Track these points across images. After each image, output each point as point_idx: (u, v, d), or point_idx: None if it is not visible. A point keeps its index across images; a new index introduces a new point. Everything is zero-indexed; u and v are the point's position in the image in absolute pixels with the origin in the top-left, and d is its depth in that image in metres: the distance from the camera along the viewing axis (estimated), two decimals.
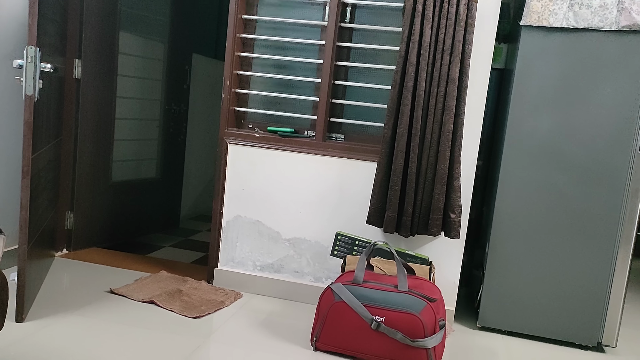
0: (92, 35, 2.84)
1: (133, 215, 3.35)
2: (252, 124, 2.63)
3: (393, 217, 2.27)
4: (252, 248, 2.59)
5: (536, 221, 2.29)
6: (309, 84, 2.55)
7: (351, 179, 2.46)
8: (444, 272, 2.41)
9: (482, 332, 2.41)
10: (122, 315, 2.18)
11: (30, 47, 1.92)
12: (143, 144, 3.39)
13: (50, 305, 2.20)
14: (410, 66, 2.19)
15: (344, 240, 2.36)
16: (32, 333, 1.94)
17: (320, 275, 2.53)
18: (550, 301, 2.31)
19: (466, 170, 2.35)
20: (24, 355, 1.79)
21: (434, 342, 1.92)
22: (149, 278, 2.61)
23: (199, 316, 2.24)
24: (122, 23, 3.06)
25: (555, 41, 2.19)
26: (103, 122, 3.00)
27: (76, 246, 2.95)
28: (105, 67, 2.95)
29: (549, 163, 2.26)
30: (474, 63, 2.29)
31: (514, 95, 2.26)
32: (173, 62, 3.51)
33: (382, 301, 1.95)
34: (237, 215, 2.58)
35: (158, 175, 3.55)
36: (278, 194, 2.53)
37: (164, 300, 2.34)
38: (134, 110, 3.26)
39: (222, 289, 2.57)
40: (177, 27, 3.49)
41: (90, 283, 2.50)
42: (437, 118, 2.22)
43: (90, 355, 1.84)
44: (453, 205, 2.25)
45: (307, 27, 2.53)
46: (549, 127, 2.24)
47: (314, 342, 2.04)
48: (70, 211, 2.91)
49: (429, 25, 2.16)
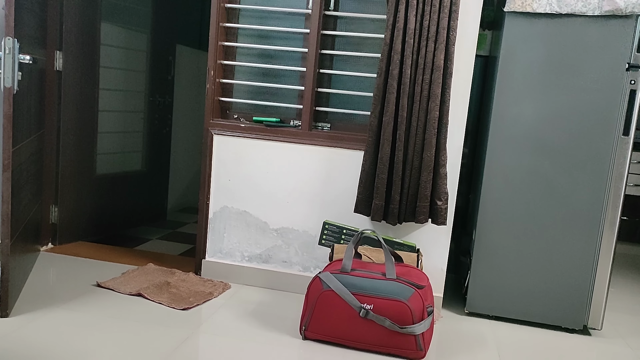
0: (73, 26, 2.79)
1: (119, 209, 3.32)
2: (237, 114, 2.61)
3: (380, 205, 2.27)
4: (240, 239, 2.58)
5: (522, 207, 2.31)
6: (294, 73, 2.54)
7: (338, 168, 2.45)
8: (432, 259, 2.42)
9: (470, 317, 2.43)
10: (109, 308, 2.17)
11: (7, 38, 1.88)
12: (128, 136, 3.35)
13: (35, 300, 2.18)
14: (395, 54, 2.18)
15: (332, 229, 2.36)
16: (16, 328, 1.92)
17: (308, 264, 2.53)
18: (537, 286, 2.34)
19: (452, 157, 2.35)
20: (8, 350, 1.77)
21: (422, 329, 1.94)
22: (136, 271, 2.59)
23: (187, 308, 2.23)
24: (104, 13, 3.01)
25: (538, 27, 2.19)
26: (86, 114, 2.96)
27: (61, 240, 2.92)
28: (87, 59, 2.90)
29: (534, 149, 2.27)
30: (459, 50, 2.29)
31: (499, 82, 2.26)
32: (156, 53, 3.47)
33: (371, 289, 1.96)
34: (224, 206, 2.57)
35: (144, 167, 3.52)
36: (265, 184, 2.52)
37: (152, 292, 2.33)
38: (117, 102, 3.22)
39: (210, 280, 2.56)
40: (160, 18, 3.44)
41: (76, 277, 2.48)
42: (423, 105, 2.21)
43: (77, 349, 1.82)
44: (440, 192, 2.26)
45: (291, 15, 2.51)
46: (533, 113, 2.25)
47: (303, 331, 2.04)
48: (54, 205, 2.87)
49: (413, 12, 2.15)
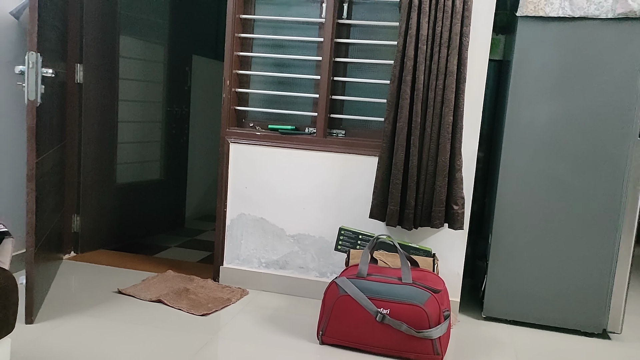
0: (93, 40, 2.86)
1: (139, 217, 3.38)
2: (253, 122, 2.65)
3: (395, 210, 2.29)
4: (257, 245, 2.61)
5: (538, 210, 2.30)
6: (309, 81, 2.57)
7: (353, 174, 2.48)
8: (448, 264, 2.43)
9: (487, 322, 2.43)
10: (130, 314, 2.21)
11: (31, 52, 1.95)
12: (146, 146, 3.41)
13: (59, 307, 2.23)
14: (408, 60, 2.21)
15: (348, 235, 2.38)
16: (41, 334, 1.98)
17: (325, 270, 2.56)
18: (555, 290, 2.33)
19: (467, 162, 2.36)
20: (34, 356, 1.82)
21: (439, 333, 1.94)
22: (156, 278, 2.64)
23: (206, 314, 2.27)
24: (122, 27, 3.08)
25: (551, 31, 2.20)
26: (106, 125, 3.03)
27: (83, 248, 2.99)
28: (106, 71, 2.98)
29: (549, 152, 2.27)
30: (472, 55, 2.30)
31: (512, 86, 2.27)
32: (173, 64, 3.54)
33: (387, 293, 1.97)
34: (241, 214, 2.61)
35: (162, 176, 3.58)
36: (281, 191, 2.56)
37: (172, 299, 2.37)
38: (136, 112, 3.29)
39: (228, 287, 2.59)
40: (177, 29, 3.51)
41: (98, 284, 2.54)
42: (437, 111, 2.23)
43: (99, 355, 1.86)
44: (455, 197, 2.27)
45: (304, 24, 2.55)
46: (547, 116, 2.25)
47: (320, 336, 2.06)
48: (76, 214, 2.94)
49: (425, 19, 2.18)
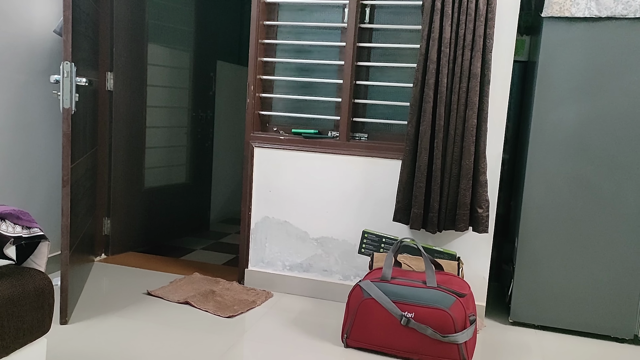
0: (123, 48, 2.95)
1: (165, 220, 3.45)
2: (276, 127, 2.68)
3: (419, 213, 2.29)
4: (281, 248, 2.64)
5: (565, 213, 2.28)
6: (331, 86, 2.59)
7: (376, 178, 2.49)
8: (473, 268, 2.41)
9: (514, 327, 2.41)
10: (159, 315, 2.27)
11: (66, 62, 2.02)
12: (173, 150, 3.49)
13: (91, 308, 2.30)
14: (431, 63, 2.21)
15: (371, 238, 2.39)
16: (75, 334, 2.04)
17: (348, 273, 2.57)
18: (584, 294, 2.29)
19: (492, 164, 2.35)
20: (69, 355, 1.88)
21: (465, 337, 1.93)
22: (183, 280, 2.69)
23: (232, 316, 2.31)
24: (150, 35, 3.16)
25: (578, 31, 2.17)
26: (135, 131, 3.11)
27: (113, 251, 3.07)
28: (135, 79, 3.06)
29: (576, 154, 2.24)
30: (496, 57, 2.29)
31: (538, 87, 2.25)
32: (199, 70, 3.61)
33: (411, 297, 1.98)
34: (265, 217, 2.64)
35: (188, 180, 3.65)
36: (304, 194, 2.58)
37: (199, 300, 2.42)
38: (163, 118, 3.37)
39: (253, 289, 2.63)
40: (202, 36, 3.58)
41: (128, 286, 2.60)
42: (460, 114, 2.23)
43: (131, 354, 1.92)
44: (480, 200, 2.26)
45: (327, 29, 2.57)
46: (575, 118, 2.22)
47: (344, 339, 2.08)
48: (107, 217, 3.02)
49: (448, 22, 2.18)
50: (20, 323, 1.46)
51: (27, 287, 1.50)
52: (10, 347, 1.44)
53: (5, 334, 1.41)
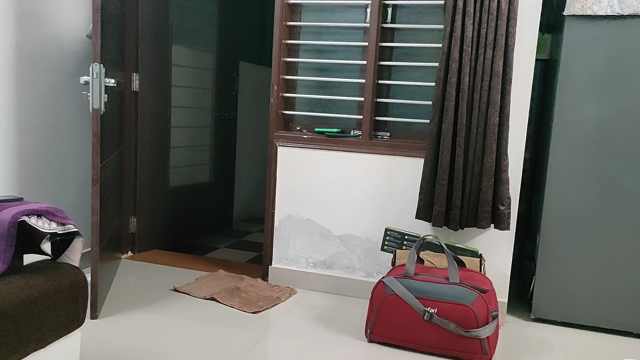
0: (148, 50, 3.02)
1: (190, 218, 3.52)
2: (299, 126, 2.72)
3: (441, 211, 2.31)
4: (304, 246, 2.68)
5: (587, 210, 2.27)
6: (354, 85, 2.62)
7: (398, 176, 2.51)
8: (495, 264, 2.42)
9: (536, 323, 2.41)
10: (186, 311, 2.32)
11: (95, 64, 2.08)
12: (196, 150, 3.55)
13: (120, 304, 2.37)
14: (453, 62, 2.23)
15: (394, 236, 2.41)
16: (106, 329, 2.11)
17: (371, 270, 2.60)
18: (605, 290, 2.29)
19: (514, 162, 2.35)
20: (101, 349, 1.95)
21: (487, 333, 1.95)
22: (208, 277, 2.75)
23: (257, 311, 2.35)
24: (174, 36, 3.23)
25: (600, 29, 2.17)
26: (160, 131, 3.18)
27: (140, 248, 3.14)
28: (160, 79, 3.13)
29: (599, 152, 2.23)
30: (518, 55, 2.30)
31: (560, 86, 2.25)
32: (222, 71, 3.67)
33: (434, 293, 2.00)
34: (288, 215, 2.69)
35: (211, 179, 3.71)
36: (328, 192, 2.62)
37: (224, 297, 2.47)
38: (187, 118, 3.43)
39: (277, 286, 2.68)
40: (224, 37, 3.64)
41: (154, 282, 2.67)
42: (482, 112, 2.24)
43: (159, 348, 1.98)
44: (502, 197, 2.27)
45: (349, 29, 2.60)
46: (597, 116, 2.22)
47: (368, 334, 2.11)
48: (133, 216, 3.10)
49: (470, 21, 2.19)
50: (56, 316, 1.52)
51: (62, 281, 1.56)
52: (48, 339, 1.50)
53: (42, 326, 1.47)
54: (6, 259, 1.50)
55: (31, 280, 1.47)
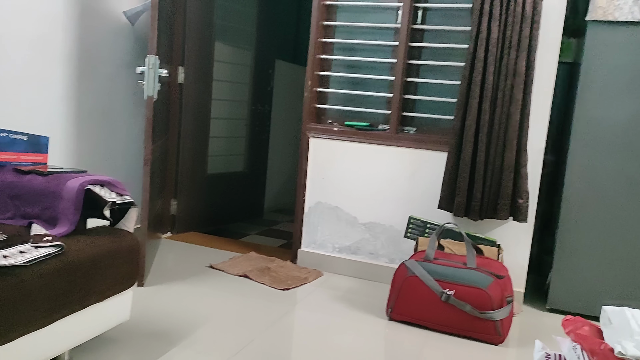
0: (193, 45, 3.24)
1: (224, 205, 3.74)
2: (331, 119, 2.90)
3: (462, 202, 2.45)
4: (332, 231, 2.86)
5: (606, 208, 2.37)
6: (383, 82, 2.79)
7: (422, 168, 2.66)
8: (513, 255, 2.55)
9: (550, 313, 2.52)
10: (221, 285, 2.53)
11: (151, 56, 2.31)
12: (233, 140, 3.77)
13: (162, 276, 2.59)
14: (478, 62, 2.37)
15: (416, 224, 2.56)
16: (150, 295, 2.33)
17: (394, 256, 2.75)
18: (622, 285, 2.38)
19: (533, 158, 2.48)
20: (146, 312, 2.16)
21: (501, 315, 2.09)
22: (241, 257, 2.95)
23: (286, 289, 2.54)
24: (217, 34, 3.45)
25: (621, 34, 2.28)
26: (201, 121, 3.41)
27: (179, 229, 3.37)
28: (203, 73, 3.35)
29: (618, 152, 2.34)
30: (541, 57, 2.42)
31: (580, 88, 2.37)
32: (259, 67, 3.88)
33: (452, 276, 2.14)
34: (318, 202, 2.87)
35: (245, 169, 3.92)
36: (355, 182, 2.79)
37: (255, 275, 2.67)
38: (225, 110, 3.65)
39: (305, 268, 2.86)
40: (262, 36, 3.85)
41: (192, 260, 2.88)
42: (505, 110, 2.37)
43: (197, 314, 2.18)
44: (520, 191, 2.40)
45: (381, 29, 2.77)
46: (616, 117, 2.32)
47: (388, 312, 2.27)
48: (174, 199, 3.33)
49: (496, 24, 2.33)
50: (116, 273, 1.73)
51: (122, 243, 1.77)
52: (107, 293, 1.71)
53: (105, 281, 1.68)
54: (74, 221, 1.72)
55: (97, 240, 1.69)
